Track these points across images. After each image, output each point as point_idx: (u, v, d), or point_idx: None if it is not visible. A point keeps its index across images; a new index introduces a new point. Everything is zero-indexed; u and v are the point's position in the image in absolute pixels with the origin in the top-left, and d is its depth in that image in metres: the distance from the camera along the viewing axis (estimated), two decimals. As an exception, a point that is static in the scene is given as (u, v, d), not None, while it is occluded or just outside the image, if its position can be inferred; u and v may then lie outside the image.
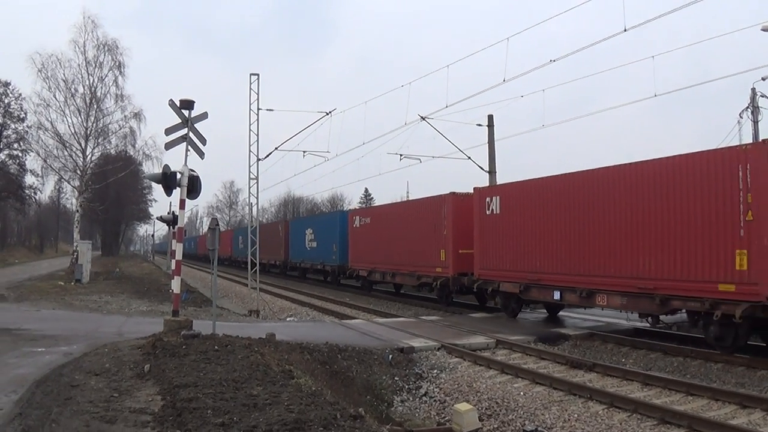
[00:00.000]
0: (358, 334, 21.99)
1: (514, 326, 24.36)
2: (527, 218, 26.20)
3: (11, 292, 36.94)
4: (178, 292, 18.83)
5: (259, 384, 10.98)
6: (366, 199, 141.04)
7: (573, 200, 23.73)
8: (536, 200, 25.81)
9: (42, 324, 21.66)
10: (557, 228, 24.39)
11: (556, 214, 24.48)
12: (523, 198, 26.85)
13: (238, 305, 41.64)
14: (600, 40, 49.47)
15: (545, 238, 25.01)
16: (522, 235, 26.45)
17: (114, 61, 50.75)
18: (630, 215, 20.86)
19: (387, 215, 41.24)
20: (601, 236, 22.09)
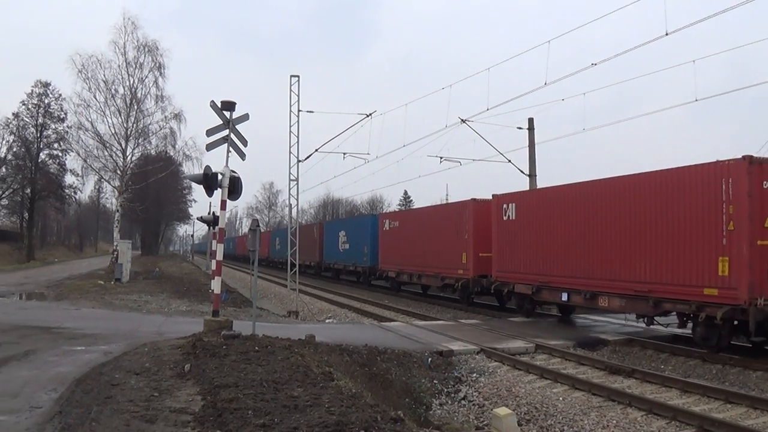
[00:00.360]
0: (397, 337, 21.93)
1: (554, 331, 24.19)
2: (539, 225, 27.92)
3: (51, 290, 37.38)
4: (219, 293, 18.86)
5: (299, 385, 10.95)
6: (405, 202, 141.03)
7: (578, 209, 25.45)
8: (547, 208, 27.62)
9: (82, 323, 21.82)
10: (564, 234, 26.11)
11: (564, 221, 26.23)
12: (535, 205, 28.66)
13: (277, 306, 41.78)
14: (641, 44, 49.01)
15: (554, 244, 26.75)
16: (534, 240, 28.09)
17: (154, 62, 51.00)
18: (629, 223, 22.54)
19: (414, 219, 43.61)
20: (603, 242, 23.82)
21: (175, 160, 58.72)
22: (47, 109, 78.65)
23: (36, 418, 9.54)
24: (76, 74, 48.33)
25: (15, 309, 26.87)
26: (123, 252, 45.46)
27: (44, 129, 78.95)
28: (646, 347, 21.25)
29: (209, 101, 18.34)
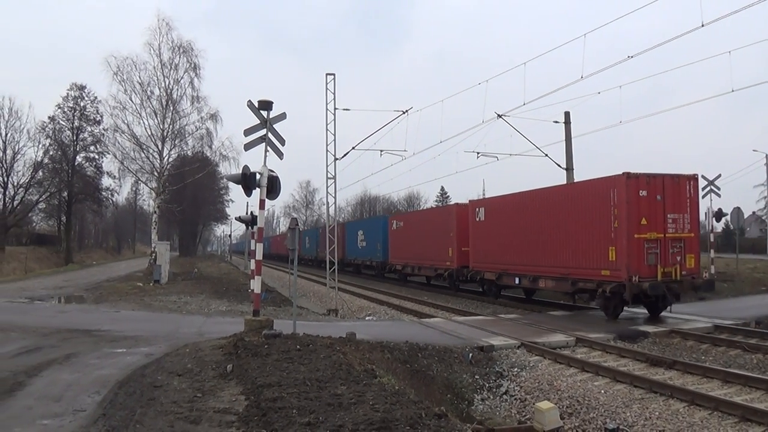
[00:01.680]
0: (438, 333, 21.97)
1: (593, 324, 24.02)
2: (500, 224, 34.34)
3: (90, 293, 37.66)
4: (259, 292, 18.93)
5: (342, 383, 10.97)
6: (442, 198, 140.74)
7: (523, 212, 32.05)
8: (505, 211, 34.20)
9: (122, 325, 22.04)
10: (515, 232, 32.46)
11: (514, 221, 32.71)
12: (497, 209, 35.31)
13: (317, 304, 41.93)
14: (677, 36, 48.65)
15: (510, 239, 33.07)
16: (497, 236, 34.52)
17: (189, 63, 51.28)
18: (555, 222, 29.00)
19: (415, 220, 51.64)
20: (540, 238, 30.16)
21: (212, 160, 59.33)
22: (83, 112, 79.26)
23: (80, 421, 9.63)
24: (112, 76, 48.84)
25: (55, 312, 27.14)
26: (161, 253, 45.82)
27: (80, 132, 79.54)
28: (687, 338, 21.15)
29: (246, 101, 18.46)
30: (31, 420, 9.73)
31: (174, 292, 36.45)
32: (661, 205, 25.02)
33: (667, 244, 24.91)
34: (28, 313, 25.91)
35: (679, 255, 25.10)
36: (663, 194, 25.08)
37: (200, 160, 59.72)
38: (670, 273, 24.60)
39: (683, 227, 25.36)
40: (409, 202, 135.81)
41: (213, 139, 53.83)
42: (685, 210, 25.51)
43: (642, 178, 24.88)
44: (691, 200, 25.73)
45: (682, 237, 25.22)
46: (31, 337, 18.80)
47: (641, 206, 24.61)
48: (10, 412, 10.26)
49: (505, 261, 33.47)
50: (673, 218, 25.21)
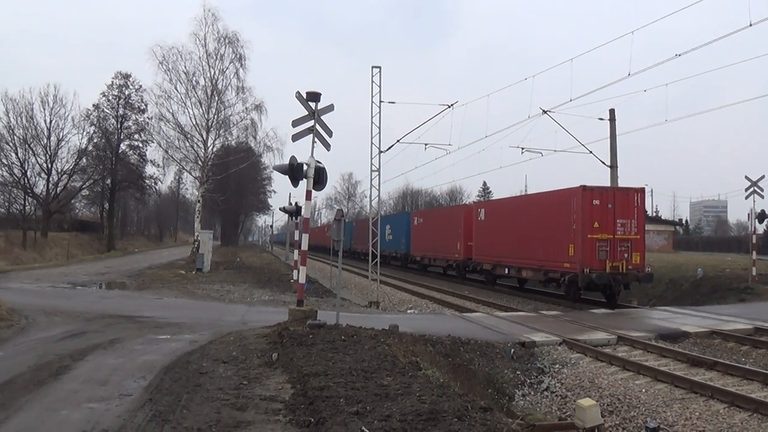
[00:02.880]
0: (480, 328, 21.92)
1: (634, 322, 23.83)
2: (495, 224, 41.10)
3: (132, 280, 38.00)
4: (303, 282, 18.98)
5: (388, 374, 11.00)
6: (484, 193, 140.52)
7: (512, 214, 39.08)
8: (499, 213, 41.59)
9: (165, 312, 22.24)
10: (506, 230, 39.04)
11: (505, 222, 39.44)
12: (493, 211, 42.99)
13: (358, 296, 42.06)
14: (725, 35, 48.25)
15: (501, 236, 39.68)
16: (492, 234, 41.14)
17: (235, 54, 51.45)
18: (533, 224, 35.30)
19: (431, 216, 59.29)
20: (523, 236, 36.45)
21: (256, 151, 59.42)
22: (128, 101, 79.60)
23: (126, 405, 9.71)
24: (157, 66, 49.33)
25: (98, 298, 27.42)
26: (204, 242, 46.07)
27: (125, 120, 79.86)
28: (728, 339, 20.97)
29: (295, 92, 18.48)
30: (77, 403, 9.84)
31: (216, 281, 36.75)
32: (611, 212, 30.59)
33: (616, 243, 30.54)
34: (71, 299, 26.20)
35: (626, 252, 30.67)
36: (614, 203, 30.70)
37: (244, 150, 59.76)
38: (617, 267, 30.16)
39: (630, 230, 30.88)
40: (451, 197, 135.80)
41: (257, 130, 54.07)
42: (632, 216, 31.07)
43: (596, 190, 31.03)
44: (638, 209, 31.40)
45: (629, 238, 30.83)
46: (75, 321, 19.05)
47: (594, 213, 30.47)
48: (56, 395, 10.38)
49: (498, 254, 40.18)
50: (621, 223, 30.75)
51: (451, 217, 49.79)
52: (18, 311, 19.88)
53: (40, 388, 10.79)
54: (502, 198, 43.29)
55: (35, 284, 32.15)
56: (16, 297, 23.82)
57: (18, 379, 11.36)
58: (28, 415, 9.17)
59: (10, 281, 32.99)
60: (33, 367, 12.35)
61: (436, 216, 57.74)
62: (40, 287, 30.71)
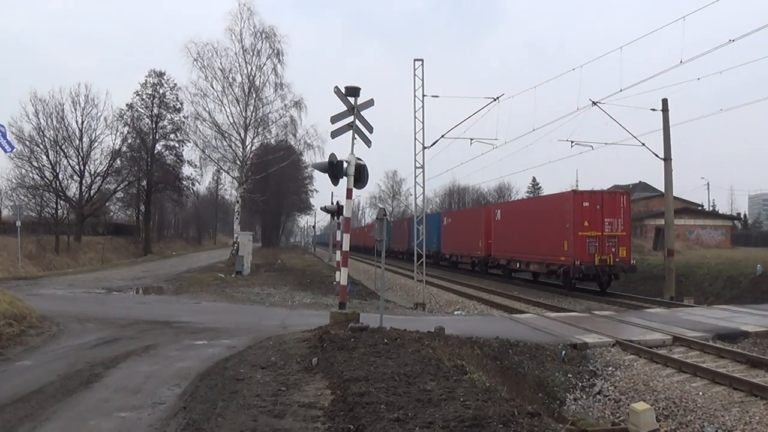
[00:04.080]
0: (529, 329, 21.86)
1: (691, 322, 23.46)
2: (509, 223, 48.30)
3: (170, 284, 38.34)
4: (345, 284, 18.96)
5: (432, 379, 10.90)
6: (534, 189, 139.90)
7: (522, 215, 46.99)
8: (511, 213, 49.72)
9: (202, 316, 22.35)
10: (518, 229, 45.82)
11: (517, 221, 46.65)
12: (507, 212, 51.16)
13: (403, 298, 42.16)
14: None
15: (514, 234, 46.41)
16: (507, 232, 48.17)
17: (272, 49, 51.26)
18: (537, 223, 42.31)
19: (458, 217, 67.10)
20: (530, 234, 43.09)
21: (296, 149, 59.27)
22: (162, 99, 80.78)
23: (159, 414, 9.71)
24: (192, 63, 49.24)
25: (133, 303, 27.70)
26: (244, 244, 46.19)
27: (159, 119, 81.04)
28: (790, 339, 20.63)
29: (333, 87, 18.43)
30: (107, 412, 9.84)
31: (256, 284, 36.95)
32: (600, 212, 37.25)
33: (604, 239, 37.25)
34: (105, 304, 26.45)
35: (614, 247, 37.37)
36: (602, 205, 37.48)
37: (284, 148, 59.57)
38: (606, 260, 36.95)
39: (617, 228, 37.58)
40: (499, 193, 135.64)
41: (297, 127, 53.86)
42: (619, 216, 37.77)
43: (585, 194, 38.97)
44: (624, 209, 38.18)
45: (616, 235, 37.56)
46: (109, 328, 19.14)
47: (584, 213, 37.25)
48: (86, 404, 10.40)
49: (512, 250, 47.21)
50: (609, 221, 37.38)
51: (474, 217, 57.29)
52: (49, 318, 19.96)
53: (70, 397, 10.82)
54: (514, 201, 56.40)
55: (68, 290, 32.40)
56: (48, 304, 23.99)
57: (47, 388, 11.37)
58: (55, 426, 9.18)
59: (42, 287, 33.22)
60: (63, 375, 12.37)
61: (462, 216, 66.84)
62: (73, 293, 30.96)
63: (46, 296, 28.45)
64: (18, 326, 17.47)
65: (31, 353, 15.07)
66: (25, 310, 18.99)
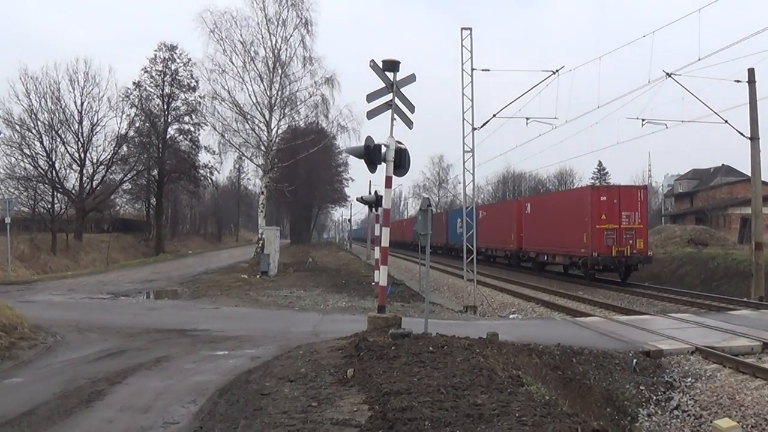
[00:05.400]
0: (595, 335, 21.78)
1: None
2: (538, 217, 54.56)
3: (185, 287, 38.56)
4: (385, 285, 18.97)
5: (483, 391, 10.91)
6: (600, 175, 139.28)
7: (549, 209, 53.18)
8: (540, 207, 55.90)
9: (223, 323, 22.54)
10: (546, 222, 51.92)
11: (545, 215, 52.82)
12: (537, 205, 57.42)
13: (451, 300, 42.32)
14: None
15: (541, 227, 52.82)
16: (537, 226, 54.29)
17: (299, 18, 50.68)
18: (561, 216, 48.43)
19: (493, 210, 73.43)
20: (556, 227, 49.22)
21: (328, 132, 58.98)
22: (174, 77, 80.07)
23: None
24: (208, 35, 48.73)
25: (143, 309, 27.96)
26: (270, 241, 46.40)
27: (172, 100, 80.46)
28: None
29: (369, 61, 18.36)
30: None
31: (284, 286, 37.16)
32: (617, 206, 43.43)
33: (622, 232, 43.31)
34: (110, 311, 26.75)
35: (631, 239, 43.43)
36: (619, 199, 43.76)
37: (314, 132, 59.60)
38: (623, 251, 43.11)
39: (635, 221, 43.70)
40: (560, 180, 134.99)
41: (329, 107, 53.26)
42: (636, 209, 43.95)
43: (603, 189, 49.09)
44: (641, 203, 44.77)
45: (633, 227, 43.63)
46: (114, 338, 19.35)
47: (602, 207, 43.47)
48: (86, 425, 10.51)
49: (540, 243, 53.31)
50: (626, 215, 43.50)
51: (507, 211, 64.72)
52: (44, 328, 20.18)
53: (68, 418, 10.92)
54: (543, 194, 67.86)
55: (67, 296, 32.74)
56: (43, 311, 24.32)
57: (40, 408, 11.47)
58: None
59: (36, 293, 33.60)
60: (60, 393, 12.47)
61: (496, 210, 74.13)
62: (72, 299, 31.33)
63: (41, 303, 28.80)
64: (7, 338, 17.53)
65: (22, 369, 15.27)
66: (15, 320, 19.05)
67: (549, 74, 36.85)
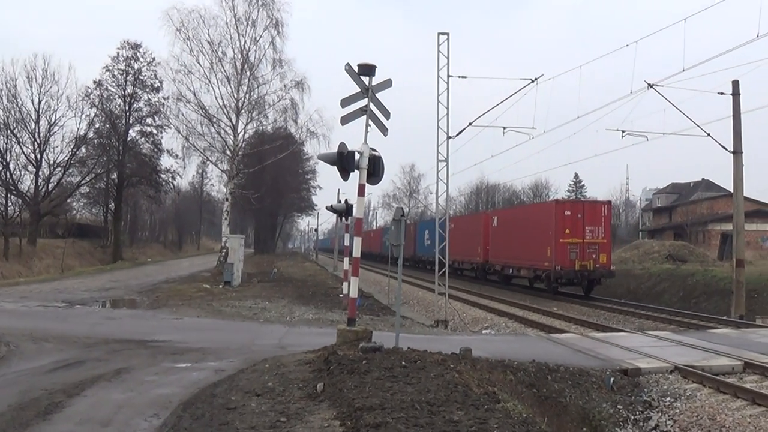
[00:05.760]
0: (571, 351, 21.89)
1: (764, 345, 23.23)
2: (503, 230, 57.93)
3: (145, 297, 38.42)
4: (355, 297, 18.94)
5: (459, 408, 10.93)
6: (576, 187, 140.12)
7: (514, 222, 56.70)
8: (506, 221, 59.27)
9: (185, 335, 22.45)
10: (510, 236, 55.36)
11: (510, 229, 56.34)
12: (502, 219, 60.68)
13: (421, 314, 42.25)
14: None
15: (507, 241, 56.02)
16: (502, 238, 57.88)
17: (270, 19, 51.24)
18: (526, 230, 51.50)
19: (461, 223, 73.63)
20: (520, 241, 52.28)
21: (297, 137, 59.40)
22: (137, 77, 79.94)
23: (134, 450, 9.71)
24: (174, 34, 49.18)
25: (101, 319, 27.72)
26: (234, 249, 46.27)
27: (134, 100, 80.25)
28: None
29: (344, 64, 18.34)
30: (69, 449, 9.85)
31: (249, 297, 37.09)
32: (581, 221, 46.27)
33: (585, 246, 46.06)
34: (66, 320, 26.55)
35: (594, 254, 46.22)
36: (583, 214, 46.77)
37: (282, 137, 59.57)
38: (586, 265, 45.73)
39: (598, 235, 46.62)
40: (535, 192, 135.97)
41: (298, 112, 53.89)
42: (600, 224, 46.99)
43: (567, 203, 53.73)
44: (605, 218, 47.89)
45: (597, 242, 46.52)
46: (71, 348, 19.20)
47: (566, 222, 46.31)
48: (42, 440, 10.39)
49: (507, 256, 56.27)
50: (590, 230, 46.33)
51: (475, 223, 67.39)
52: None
53: (24, 431, 10.81)
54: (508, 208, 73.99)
55: (20, 303, 32.41)
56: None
57: (-7, 422, 11.35)
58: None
59: (-14, 301, 33.22)
60: (14, 405, 12.31)
61: (464, 222, 75.27)
62: (26, 307, 31.03)
63: (-9, 311, 28.53)
64: (-45, 348, 17.40)
65: (-29, 381, 15.05)
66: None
67: (527, 82, 36.87)
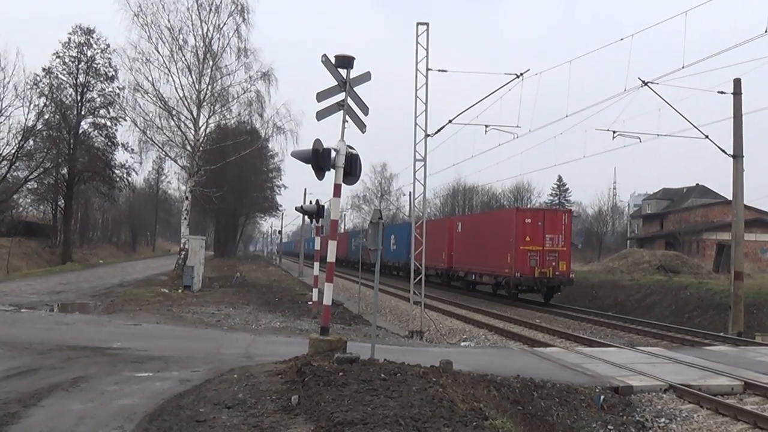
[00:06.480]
0: (557, 367, 21.99)
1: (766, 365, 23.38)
2: (467, 236, 61.41)
3: (98, 301, 38.22)
4: (329, 304, 18.96)
5: (446, 424, 11.00)
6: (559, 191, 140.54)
7: (477, 228, 60.77)
8: (469, 227, 63.36)
9: (145, 342, 22.39)
10: (473, 242, 58.90)
11: (473, 235, 59.94)
12: (466, 225, 64.88)
13: (394, 324, 42.59)
14: None
15: (470, 247, 59.56)
16: (465, 245, 61.24)
17: (235, 5, 50.82)
18: (488, 237, 55.45)
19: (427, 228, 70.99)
20: (483, 247, 55.84)
21: (262, 133, 59.01)
22: (90, 64, 79.00)
23: (99, 465, 9.72)
24: (131, 19, 48.34)
25: (53, 324, 27.64)
26: (194, 251, 46.29)
27: (87, 90, 79.36)
28: None
29: (321, 56, 18.32)
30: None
31: (211, 302, 37.12)
32: (541, 228, 49.61)
33: (545, 254, 49.24)
34: (15, 325, 26.34)
35: (554, 261, 49.44)
36: (543, 222, 50.13)
37: (247, 132, 59.69)
38: (546, 273, 48.89)
39: (558, 243, 49.87)
40: (516, 196, 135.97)
41: (264, 106, 53.41)
42: (560, 232, 50.32)
43: (528, 211, 56.47)
44: (565, 226, 51.34)
45: (557, 250, 49.72)
46: (23, 355, 19.07)
47: (526, 229, 49.79)
48: (0, 454, 10.38)
49: (470, 263, 59.89)
50: (550, 237, 49.58)
51: (440, 229, 68.42)
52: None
53: (-24, 447, 10.73)
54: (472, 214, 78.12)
55: (-40, 308, 32.13)
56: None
57: (-59, 436, 11.24)
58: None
59: None
60: (-35, 417, 12.25)
61: (430, 227, 74.40)
62: (-33, 311, 30.77)
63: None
64: None
65: None
66: None
67: (512, 78, 36.83)
